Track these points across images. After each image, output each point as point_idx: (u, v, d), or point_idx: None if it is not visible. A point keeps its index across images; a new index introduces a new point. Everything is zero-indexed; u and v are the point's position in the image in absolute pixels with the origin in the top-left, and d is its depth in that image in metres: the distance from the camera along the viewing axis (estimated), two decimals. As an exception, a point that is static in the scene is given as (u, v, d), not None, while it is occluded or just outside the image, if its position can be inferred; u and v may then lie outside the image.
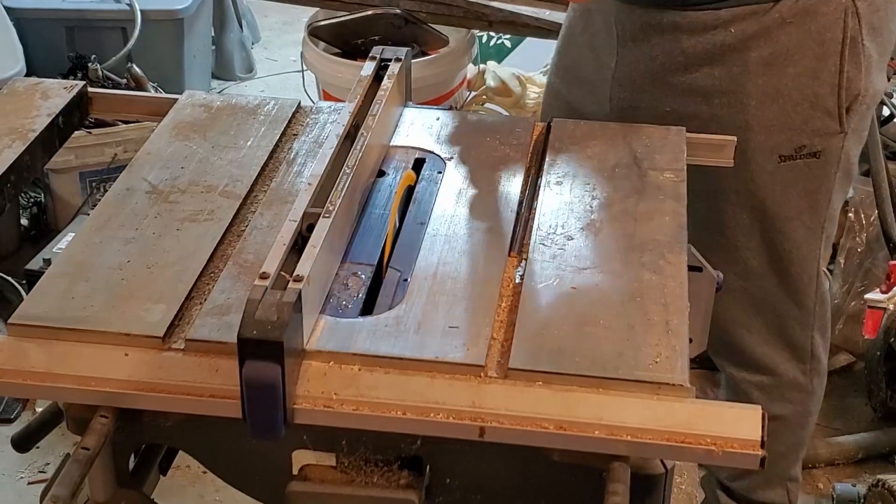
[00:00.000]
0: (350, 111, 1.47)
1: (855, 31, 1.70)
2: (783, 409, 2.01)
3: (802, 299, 1.94)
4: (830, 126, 1.76)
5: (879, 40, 1.75)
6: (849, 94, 1.74)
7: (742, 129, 1.71)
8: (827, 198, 1.84)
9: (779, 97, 1.73)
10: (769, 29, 1.69)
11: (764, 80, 1.72)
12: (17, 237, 3.23)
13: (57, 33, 3.55)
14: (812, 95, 1.73)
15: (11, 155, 1.53)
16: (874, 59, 1.75)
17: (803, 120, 1.74)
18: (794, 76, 1.72)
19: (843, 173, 1.84)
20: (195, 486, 2.44)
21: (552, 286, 1.28)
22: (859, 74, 1.73)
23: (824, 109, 1.74)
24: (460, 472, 1.21)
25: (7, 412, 2.69)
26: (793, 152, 1.76)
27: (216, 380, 1.16)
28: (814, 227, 1.86)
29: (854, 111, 1.76)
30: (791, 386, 2.01)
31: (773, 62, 1.71)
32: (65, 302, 1.26)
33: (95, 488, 1.28)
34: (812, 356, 2.00)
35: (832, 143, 1.77)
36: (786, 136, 1.75)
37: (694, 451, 1.11)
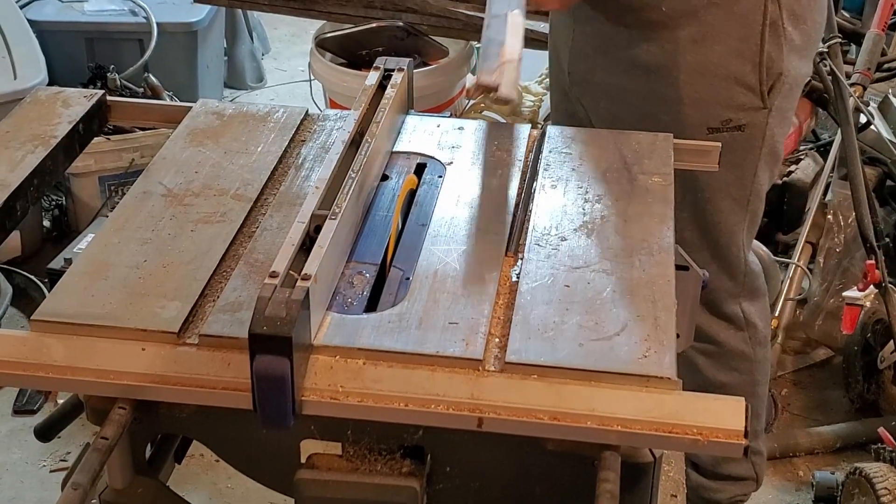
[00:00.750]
0: (355, 119, 1.47)
1: (776, 16, 1.75)
2: (730, 378, 2.03)
3: (733, 271, 1.98)
4: (754, 102, 1.81)
5: (803, 27, 1.80)
6: (770, 74, 1.79)
7: (675, 102, 1.79)
8: (752, 172, 1.88)
9: (706, 73, 1.78)
10: (697, 10, 1.74)
11: (693, 56, 1.77)
12: (40, 238, 3.23)
13: (77, 45, 3.55)
14: (736, 72, 1.78)
15: (34, 160, 1.53)
16: (796, 44, 1.80)
17: (729, 95, 1.79)
18: (720, 54, 1.76)
19: (769, 150, 1.89)
20: (208, 474, 2.44)
21: (547, 284, 1.28)
22: (781, 56, 1.78)
23: (747, 86, 1.79)
24: (460, 460, 1.21)
25: (30, 404, 2.69)
26: (720, 125, 1.81)
27: (228, 373, 1.16)
28: (739, 199, 1.90)
29: (777, 90, 1.81)
30: (734, 354, 2.03)
31: (700, 40, 1.76)
32: (85, 299, 1.26)
33: (114, 476, 1.28)
34: (748, 324, 2.03)
35: (756, 117, 1.82)
36: (713, 110, 1.80)
37: (681, 441, 1.11)
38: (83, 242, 2.89)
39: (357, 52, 3.32)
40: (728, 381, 2.03)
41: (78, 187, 3.19)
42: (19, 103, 1.68)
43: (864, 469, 2.21)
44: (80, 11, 3.62)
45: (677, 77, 1.77)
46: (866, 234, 2.34)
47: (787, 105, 1.86)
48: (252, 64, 4.28)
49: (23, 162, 1.52)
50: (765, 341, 2.08)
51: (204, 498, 2.40)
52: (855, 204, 2.36)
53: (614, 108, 1.85)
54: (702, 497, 2.19)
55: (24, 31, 3.28)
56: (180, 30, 3.62)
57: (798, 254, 2.73)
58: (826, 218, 2.78)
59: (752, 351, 2.05)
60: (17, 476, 2.51)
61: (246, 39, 4.23)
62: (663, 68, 1.78)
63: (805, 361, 2.87)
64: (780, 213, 2.86)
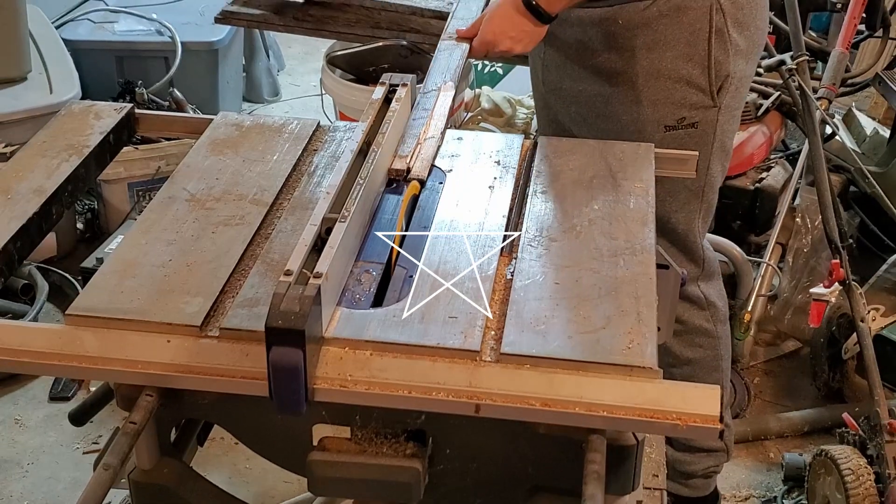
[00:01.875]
0: (363, 130, 1.47)
1: (721, 24, 1.77)
2: (696, 353, 2.04)
3: (692, 256, 2.00)
4: (705, 101, 1.82)
5: (747, 33, 1.82)
6: (719, 75, 1.81)
7: (634, 103, 1.81)
8: (706, 165, 1.89)
9: (660, 76, 1.79)
10: (649, 20, 1.76)
11: (648, 62, 1.79)
12: (74, 239, 3.23)
13: (108, 62, 3.55)
14: (687, 75, 1.80)
15: (69, 168, 1.53)
16: (741, 48, 1.81)
17: (682, 95, 1.81)
18: (671, 59, 1.78)
19: (720, 145, 1.90)
20: (228, 456, 2.44)
21: (539, 282, 1.28)
22: (727, 59, 1.80)
23: (698, 87, 1.81)
24: (459, 443, 1.21)
25: (65, 391, 2.69)
26: (675, 123, 1.82)
27: (247, 363, 1.16)
28: (695, 190, 1.92)
29: (725, 90, 1.83)
30: (698, 332, 2.04)
31: (654, 47, 1.78)
32: (115, 295, 1.26)
33: (142, 457, 1.29)
34: (708, 304, 2.04)
35: (707, 115, 1.84)
36: (669, 110, 1.82)
37: (662, 425, 1.11)
38: (113, 243, 2.89)
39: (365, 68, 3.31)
40: (694, 356, 2.04)
41: (109, 193, 3.19)
42: (55, 116, 1.68)
43: (829, 451, 2.21)
44: (111, 31, 3.62)
45: (635, 81, 1.79)
46: (831, 235, 2.34)
47: (736, 103, 1.88)
48: (268, 79, 4.28)
49: (58, 169, 1.53)
50: (724, 319, 2.09)
51: (224, 477, 2.40)
52: (821, 208, 2.36)
53: (582, 110, 1.88)
54: (677, 470, 2.18)
55: (60, 50, 3.28)
56: (203, 48, 3.61)
57: (769, 254, 2.73)
58: (794, 221, 2.77)
59: (714, 328, 2.05)
60: (53, 457, 2.51)
61: (263, 57, 4.23)
62: (622, 74, 1.80)
63: (775, 352, 2.88)
64: (752, 216, 2.86)
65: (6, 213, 1.42)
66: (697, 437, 1.14)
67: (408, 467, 1.18)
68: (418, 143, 1.50)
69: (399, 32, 3.08)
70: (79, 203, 3.24)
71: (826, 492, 2.23)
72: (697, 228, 1.97)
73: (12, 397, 2.69)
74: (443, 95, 1.55)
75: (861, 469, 2.14)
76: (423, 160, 1.49)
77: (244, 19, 3.17)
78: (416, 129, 1.54)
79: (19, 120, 2.94)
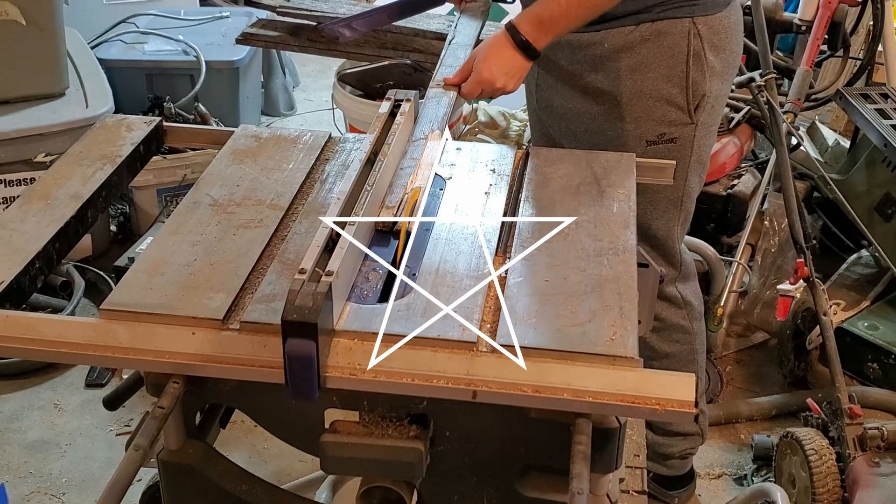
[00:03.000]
0: (370, 141, 1.47)
1: (698, 48, 1.76)
2: (673, 348, 2.04)
3: (671, 260, 1.98)
4: (683, 118, 1.81)
5: (722, 56, 1.80)
6: (696, 95, 1.79)
7: (619, 120, 1.80)
8: (684, 176, 1.88)
9: (642, 95, 1.78)
10: (633, 45, 1.75)
11: (631, 82, 1.77)
12: (108, 240, 3.23)
13: (139, 79, 3.55)
14: (667, 95, 1.78)
15: (103, 175, 1.53)
16: (717, 70, 1.80)
17: (662, 113, 1.80)
18: (652, 80, 1.77)
19: (697, 158, 1.89)
20: (248, 437, 2.44)
21: (530, 279, 1.28)
22: (704, 80, 1.79)
23: (677, 105, 1.80)
24: (457, 426, 1.21)
25: (99, 378, 2.69)
26: (656, 138, 1.81)
27: (265, 354, 1.16)
28: (674, 199, 1.91)
29: (701, 108, 1.82)
30: (675, 328, 2.03)
31: (637, 69, 1.76)
32: (145, 292, 1.26)
33: (169, 439, 1.29)
34: (685, 303, 2.03)
35: (685, 131, 1.82)
36: (650, 126, 1.80)
37: (642, 410, 1.11)
38: (143, 244, 2.89)
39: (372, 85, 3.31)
40: (671, 350, 2.04)
41: (139, 198, 3.19)
42: (90, 128, 1.69)
43: (795, 433, 2.21)
44: (141, 51, 3.62)
45: (620, 100, 1.78)
46: (797, 237, 2.34)
47: (712, 120, 1.87)
48: (285, 95, 4.28)
49: (93, 177, 1.53)
50: (700, 316, 2.08)
51: (244, 457, 2.40)
52: (787, 212, 2.36)
53: (572, 126, 1.87)
54: (657, 452, 2.18)
55: (95, 68, 3.28)
56: (225, 67, 3.61)
57: (740, 253, 2.73)
58: (763, 223, 2.77)
59: (690, 325, 2.05)
60: (89, 439, 2.51)
61: (279, 74, 4.22)
62: (608, 93, 1.79)
63: (746, 343, 2.87)
64: (724, 219, 2.86)
65: (46, 217, 1.42)
66: (674, 420, 1.13)
67: (411, 448, 1.18)
68: (405, 194, 1.40)
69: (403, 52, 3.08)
70: (112, 207, 3.24)
71: (791, 470, 2.23)
72: (676, 234, 1.97)
73: (52, 384, 2.69)
74: (431, 144, 1.48)
75: (824, 450, 2.14)
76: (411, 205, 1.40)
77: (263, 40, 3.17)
78: (405, 178, 1.44)
79: (58, 132, 2.94)
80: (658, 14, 1.73)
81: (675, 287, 2.01)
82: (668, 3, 1.72)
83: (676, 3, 1.72)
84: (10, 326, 1.20)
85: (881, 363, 2.48)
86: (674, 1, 1.72)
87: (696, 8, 1.73)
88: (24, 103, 3.01)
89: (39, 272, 1.34)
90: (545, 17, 1.61)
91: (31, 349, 1.19)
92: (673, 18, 1.73)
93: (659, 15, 1.73)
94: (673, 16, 1.73)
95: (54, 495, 2.34)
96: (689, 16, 1.73)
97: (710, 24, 1.75)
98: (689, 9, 1.73)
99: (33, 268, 1.33)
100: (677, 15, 1.73)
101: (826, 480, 2.11)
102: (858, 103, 2.77)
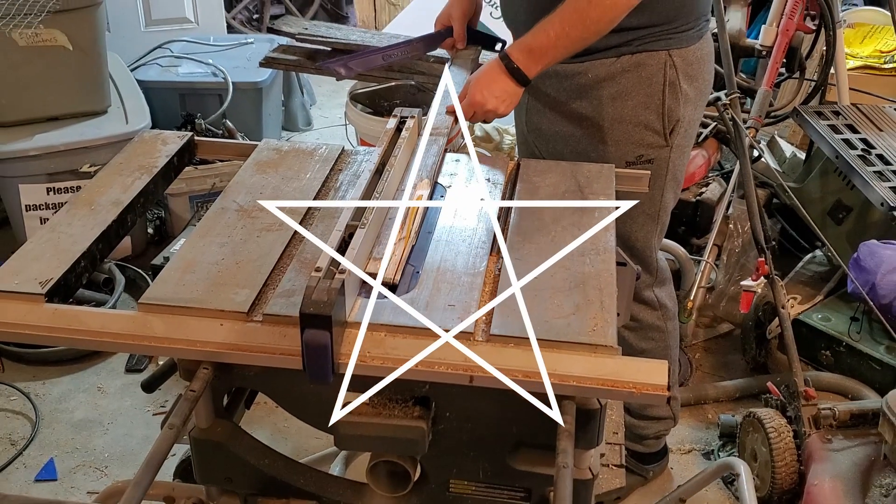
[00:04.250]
0: (379, 153, 1.47)
1: (673, 78, 1.74)
2: (648, 345, 2.03)
3: (648, 268, 1.97)
4: (659, 141, 1.79)
5: (696, 84, 1.79)
6: (671, 120, 1.78)
7: (601, 143, 1.78)
8: (660, 193, 1.86)
9: (623, 121, 1.76)
10: (614, 75, 1.73)
11: (612, 109, 1.75)
12: (145, 241, 3.23)
13: (173, 98, 3.55)
14: (645, 120, 1.76)
15: (141, 184, 1.53)
16: (690, 97, 1.78)
17: (640, 137, 1.78)
18: (632, 107, 1.75)
19: (672, 177, 1.87)
20: (270, 417, 2.44)
21: (521, 277, 1.28)
22: (678, 107, 1.77)
23: (654, 130, 1.78)
24: (456, 407, 1.21)
25: (138, 364, 2.69)
26: (635, 159, 1.79)
27: (285, 343, 1.16)
28: (651, 213, 1.89)
29: (676, 132, 1.80)
30: (651, 328, 2.02)
31: (617, 97, 1.75)
32: (178, 287, 1.26)
33: (200, 418, 1.29)
34: (660, 305, 2.02)
35: (661, 153, 1.81)
36: (629, 148, 1.78)
37: (621, 393, 1.11)
38: (177, 245, 2.89)
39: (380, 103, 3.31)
40: (647, 347, 2.03)
41: (173, 204, 3.19)
42: (130, 142, 1.68)
43: (756, 413, 2.21)
44: (175, 74, 3.62)
45: (602, 125, 1.76)
46: (758, 238, 2.34)
47: (685, 143, 1.85)
48: (302, 112, 4.28)
49: (132, 185, 1.53)
50: (673, 317, 2.07)
51: (267, 434, 2.40)
52: (750, 216, 2.36)
53: (558, 147, 1.84)
54: (634, 433, 2.18)
55: (134, 88, 3.28)
56: (249, 87, 3.61)
57: (707, 253, 2.73)
58: (728, 227, 2.77)
59: (664, 325, 2.04)
60: (129, 418, 2.51)
61: (298, 94, 4.22)
62: (591, 118, 1.77)
63: (713, 333, 2.87)
64: (694, 223, 2.86)
65: (90, 221, 1.42)
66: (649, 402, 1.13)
67: (415, 426, 1.18)
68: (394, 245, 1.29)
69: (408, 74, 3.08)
70: (149, 212, 3.24)
71: (753, 446, 2.23)
72: (653, 245, 1.95)
73: (95, 370, 2.69)
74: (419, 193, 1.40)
75: (782, 428, 2.14)
76: (393, 265, 1.27)
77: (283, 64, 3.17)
78: (390, 228, 1.32)
79: (101, 145, 2.94)
80: (637, 47, 1.71)
81: (651, 291, 2.00)
82: (646, 37, 1.71)
83: (654, 37, 1.71)
84: (58, 318, 1.21)
85: (833, 351, 2.48)
86: (652, 35, 1.71)
87: (671, 41, 1.72)
88: (71, 120, 3.02)
89: (84, 270, 1.34)
90: (535, 47, 1.60)
91: (77, 339, 1.20)
92: (651, 51, 1.72)
93: (638, 48, 1.71)
94: (651, 49, 1.72)
95: (98, 468, 2.34)
96: (666, 49, 1.72)
97: (685, 56, 1.74)
98: (666, 42, 1.72)
99: (79, 266, 1.33)
100: (655, 48, 1.72)
101: (784, 455, 2.11)
102: (813, 120, 2.77)
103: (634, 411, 2.15)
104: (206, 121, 3.38)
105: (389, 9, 4.58)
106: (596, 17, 1.55)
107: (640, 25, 1.67)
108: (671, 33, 1.71)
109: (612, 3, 1.54)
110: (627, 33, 1.68)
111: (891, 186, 2.50)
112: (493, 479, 1.27)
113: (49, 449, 2.40)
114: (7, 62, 2.87)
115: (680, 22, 1.72)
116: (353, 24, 4.93)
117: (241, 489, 1.33)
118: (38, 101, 2.96)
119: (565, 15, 1.56)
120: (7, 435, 2.44)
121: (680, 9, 1.71)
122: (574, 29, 1.56)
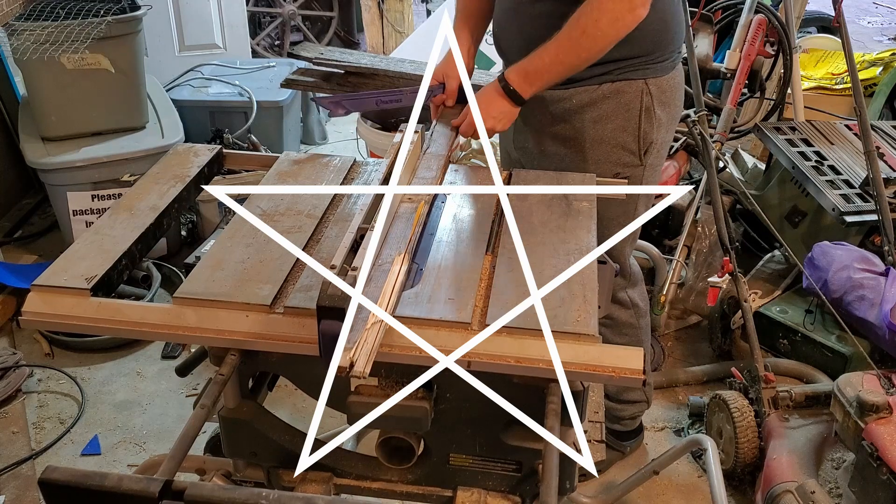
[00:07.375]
0: (386, 164, 1.47)
1: (649, 104, 1.73)
2: (622, 340, 2.02)
3: (622, 272, 1.96)
4: (634, 161, 1.78)
5: (668, 110, 1.78)
6: (645, 142, 1.76)
7: (582, 162, 1.76)
8: (634, 207, 1.85)
9: (602, 142, 1.75)
10: (595, 101, 1.72)
11: (593, 131, 1.74)
12: (179, 242, 3.23)
13: (204, 115, 3.56)
14: (622, 142, 1.75)
15: (175, 191, 1.53)
16: (663, 122, 1.77)
17: (618, 157, 1.76)
18: (611, 130, 1.74)
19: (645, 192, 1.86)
20: (290, 398, 2.44)
21: (514, 274, 1.28)
22: (652, 130, 1.76)
23: (630, 151, 1.76)
24: (456, 389, 1.21)
25: (172, 352, 2.69)
26: (612, 176, 1.77)
27: (303, 332, 1.16)
28: (625, 223, 1.88)
29: (650, 153, 1.78)
30: (625, 325, 2.01)
31: (598, 121, 1.73)
32: (208, 283, 1.26)
33: (228, 399, 1.29)
34: (633, 304, 2.01)
35: (636, 171, 1.79)
36: (608, 167, 1.77)
37: (601, 377, 1.11)
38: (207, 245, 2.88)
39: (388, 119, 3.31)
40: (622, 342, 2.00)
41: (204, 209, 3.19)
42: (165, 154, 1.69)
43: (722, 395, 2.21)
44: (206, 93, 3.62)
45: (583, 145, 1.75)
46: (723, 240, 2.34)
47: (657, 162, 1.83)
48: (319, 128, 4.28)
49: (167, 192, 1.53)
50: (645, 314, 2.06)
51: (287, 413, 2.40)
52: (716, 220, 2.36)
53: (543, 164, 1.82)
54: (612, 415, 2.18)
55: (169, 106, 3.28)
56: (271, 105, 3.61)
57: (678, 253, 2.73)
58: (697, 229, 2.77)
59: (637, 322, 2.02)
60: (165, 399, 2.51)
61: (315, 112, 4.22)
62: (573, 140, 1.75)
63: (683, 324, 2.87)
64: (666, 226, 2.86)
65: (130, 224, 1.42)
66: (626, 384, 1.13)
67: (419, 406, 1.18)
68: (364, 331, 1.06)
69: (413, 94, 3.08)
70: (182, 216, 3.24)
71: (719, 424, 2.23)
72: (627, 252, 1.95)
73: (135, 357, 2.69)
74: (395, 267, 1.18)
75: (745, 408, 2.14)
76: (365, 353, 1.03)
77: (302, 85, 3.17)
78: (364, 313, 1.08)
79: (140, 157, 2.94)
80: (618, 76, 1.70)
81: (625, 292, 1.99)
82: (626, 67, 1.70)
83: (633, 67, 1.70)
84: (102, 311, 1.21)
85: (790, 339, 2.48)
86: (631, 66, 1.70)
87: (648, 71, 1.71)
88: (113, 134, 3.02)
89: (125, 268, 1.34)
90: (531, 70, 1.59)
91: (119, 328, 1.20)
92: (629, 80, 1.70)
93: (618, 77, 1.70)
94: (630, 77, 1.70)
95: (137, 444, 2.34)
96: (643, 77, 1.71)
97: (660, 84, 1.73)
98: (643, 72, 1.71)
99: (120, 264, 1.33)
100: (633, 77, 1.70)
101: (746, 432, 2.11)
102: (772, 134, 2.78)
103: (613, 396, 2.15)
104: (233, 135, 3.38)
105: (396, 36, 4.59)
106: (588, 46, 1.55)
107: (620, 57, 1.66)
108: (648, 64, 1.71)
109: (602, 35, 1.53)
110: (609, 64, 1.67)
111: (841, 194, 2.50)
112: (489, 453, 1.27)
113: (94, 427, 2.40)
114: (56, 84, 2.88)
115: (657, 54, 1.71)
116: (364, 49, 4.93)
117: (265, 462, 1.33)
118: (83, 118, 2.96)
119: (560, 42, 1.55)
120: (56, 414, 2.44)
121: (658, 43, 1.70)
122: (568, 56, 1.56)
